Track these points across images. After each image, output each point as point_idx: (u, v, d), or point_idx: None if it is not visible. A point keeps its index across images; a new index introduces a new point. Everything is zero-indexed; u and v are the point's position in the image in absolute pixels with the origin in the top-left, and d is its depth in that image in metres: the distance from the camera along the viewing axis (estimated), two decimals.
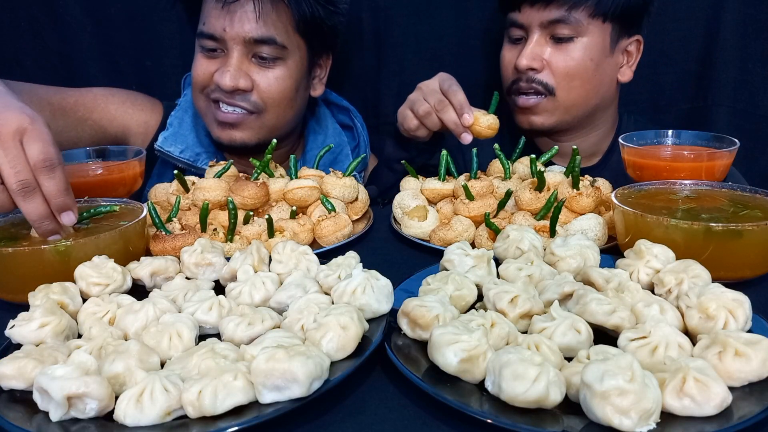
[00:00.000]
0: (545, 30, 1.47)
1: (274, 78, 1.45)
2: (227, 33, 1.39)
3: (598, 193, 1.15)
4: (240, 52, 1.41)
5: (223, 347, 0.73)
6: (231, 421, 0.63)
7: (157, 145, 1.50)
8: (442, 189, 1.26)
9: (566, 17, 1.44)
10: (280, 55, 1.44)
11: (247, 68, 1.43)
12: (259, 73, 1.44)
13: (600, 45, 1.48)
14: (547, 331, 0.75)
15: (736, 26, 1.69)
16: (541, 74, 1.49)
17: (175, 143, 1.52)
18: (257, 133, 1.48)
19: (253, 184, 1.20)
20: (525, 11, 1.47)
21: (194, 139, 1.54)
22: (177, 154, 1.51)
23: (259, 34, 1.40)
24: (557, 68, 1.48)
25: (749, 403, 0.64)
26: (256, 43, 1.41)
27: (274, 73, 1.45)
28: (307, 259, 0.96)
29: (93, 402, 0.65)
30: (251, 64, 1.44)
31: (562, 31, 1.45)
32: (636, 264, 0.90)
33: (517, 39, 1.53)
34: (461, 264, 0.93)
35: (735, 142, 1.23)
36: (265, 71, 1.44)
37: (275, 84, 1.45)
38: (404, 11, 1.77)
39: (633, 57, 1.57)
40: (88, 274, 0.90)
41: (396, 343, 0.77)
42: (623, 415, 0.59)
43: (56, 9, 1.73)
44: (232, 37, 1.40)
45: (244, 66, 1.42)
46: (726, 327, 0.74)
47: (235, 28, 1.39)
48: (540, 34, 1.47)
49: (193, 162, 1.52)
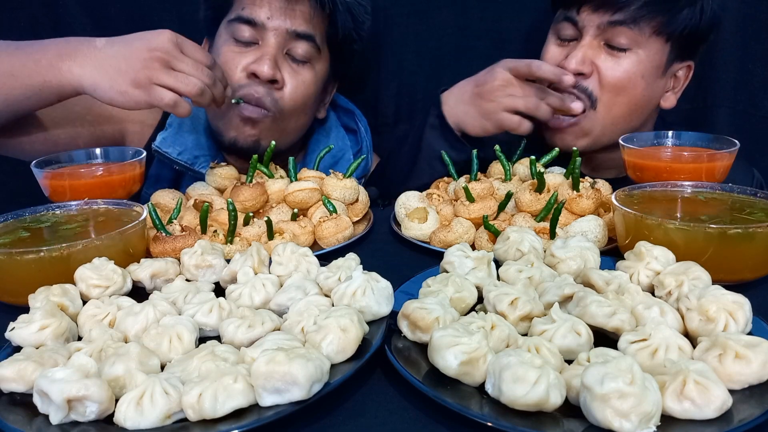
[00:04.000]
0: (602, 34, 1.36)
1: (302, 80, 1.44)
2: (270, 22, 1.38)
3: (598, 195, 1.15)
4: (278, 43, 1.40)
5: (223, 350, 0.73)
6: (231, 424, 0.63)
7: (154, 145, 1.48)
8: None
9: (629, 22, 1.33)
10: (312, 58, 1.44)
11: (281, 63, 1.42)
12: (290, 71, 1.43)
13: (655, 63, 1.38)
14: (548, 333, 0.75)
15: (736, 26, 1.69)
16: (588, 81, 1.38)
17: (173, 144, 1.49)
18: (273, 135, 1.45)
19: (247, 187, 1.20)
20: (584, 13, 1.36)
21: (193, 142, 1.52)
22: (175, 155, 1.48)
23: (303, 29, 1.40)
24: (606, 77, 1.36)
25: (749, 406, 0.64)
26: (296, 38, 1.40)
27: (302, 76, 1.44)
28: (307, 261, 0.96)
29: (93, 405, 0.65)
30: (284, 60, 1.43)
31: (619, 39, 1.35)
32: (636, 266, 0.90)
33: (567, 39, 1.42)
34: (461, 266, 0.93)
35: (735, 143, 1.23)
36: (296, 72, 1.43)
37: (302, 87, 1.44)
38: (404, 11, 1.76)
39: (680, 83, 1.48)
40: (88, 276, 0.90)
41: (396, 346, 0.77)
42: (623, 418, 0.59)
43: (56, 9, 1.73)
44: (275, 27, 1.38)
45: (279, 59, 1.41)
46: (726, 329, 0.74)
47: (282, 18, 1.38)
48: (594, 38, 1.37)
49: (190, 165, 1.49)
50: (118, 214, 1.10)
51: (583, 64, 1.37)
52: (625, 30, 1.34)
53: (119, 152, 1.34)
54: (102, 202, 1.13)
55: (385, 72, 1.82)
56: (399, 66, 1.81)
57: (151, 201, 1.24)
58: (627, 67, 1.37)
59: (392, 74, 1.82)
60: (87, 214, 1.11)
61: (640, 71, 1.38)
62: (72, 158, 1.30)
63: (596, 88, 1.39)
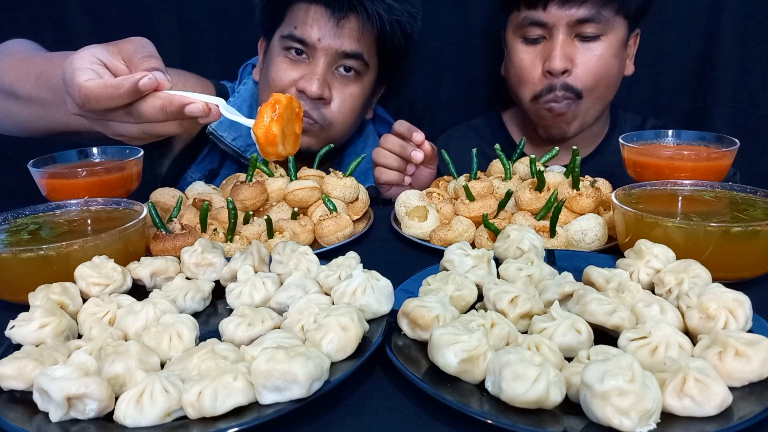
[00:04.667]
0: (571, 29, 1.41)
1: (349, 94, 1.50)
2: (321, 43, 1.43)
3: (598, 194, 1.15)
4: (327, 62, 1.45)
5: (223, 348, 0.73)
6: (231, 422, 0.63)
7: (210, 127, 1.51)
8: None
9: (596, 16, 1.39)
10: (360, 71, 1.48)
11: (330, 79, 1.47)
12: (338, 87, 1.48)
13: (620, 40, 1.47)
14: (548, 331, 0.74)
15: (736, 26, 1.69)
16: (571, 77, 1.44)
17: (229, 129, 1.53)
18: (321, 141, 1.50)
19: (247, 185, 1.20)
20: (551, 10, 1.40)
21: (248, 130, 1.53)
22: (230, 141, 1.53)
23: (351, 48, 1.44)
24: (586, 69, 1.43)
25: (750, 404, 0.64)
26: (345, 57, 1.45)
27: (350, 90, 1.50)
28: (307, 260, 0.96)
29: (93, 403, 0.65)
30: (333, 77, 1.47)
31: (589, 30, 1.41)
32: (636, 264, 0.90)
33: (535, 39, 1.46)
34: (461, 264, 0.93)
35: (735, 142, 1.23)
36: (343, 86, 1.49)
37: (349, 100, 1.50)
38: None
39: (633, 50, 1.58)
40: (88, 274, 0.90)
41: (396, 344, 0.77)
42: (623, 415, 0.59)
43: (56, 9, 1.73)
44: (324, 48, 1.43)
45: (328, 76, 1.46)
46: (726, 327, 0.74)
47: (332, 39, 1.42)
48: (566, 34, 1.41)
49: (242, 151, 1.55)
50: (118, 212, 1.10)
51: (566, 61, 1.42)
52: (595, 21, 1.41)
53: (117, 151, 1.34)
54: (102, 201, 1.13)
55: None
56: None
57: (150, 199, 1.24)
58: (601, 53, 1.44)
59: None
60: (87, 213, 1.11)
61: (611, 52, 1.46)
62: (69, 157, 1.30)
63: (579, 81, 1.45)
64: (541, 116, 1.53)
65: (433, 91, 1.85)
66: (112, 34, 1.79)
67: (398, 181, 1.42)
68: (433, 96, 1.86)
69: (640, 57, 1.61)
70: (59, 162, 1.29)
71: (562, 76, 1.44)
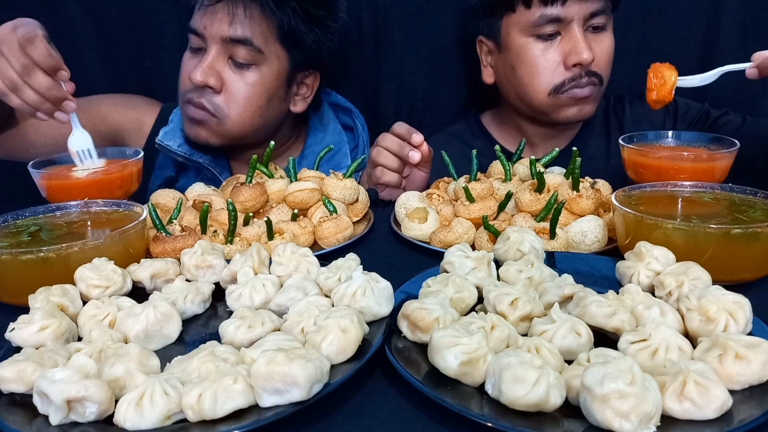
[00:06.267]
0: (585, 22, 1.48)
1: (244, 83, 1.49)
2: (207, 30, 1.45)
3: (598, 195, 1.15)
4: (217, 50, 1.46)
5: (222, 350, 0.73)
6: (231, 424, 0.63)
7: (158, 139, 1.58)
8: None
9: (605, 8, 1.49)
10: (255, 60, 1.48)
11: (222, 68, 1.48)
12: (232, 75, 1.48)
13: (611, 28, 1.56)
14: (548, 333, 0.74)
15: (736, 26, 1.69)
16: (594, 65, 1.51)
17: (173, 137, 1.58)
18: (220, 137, 1.53)
19: (246, 187, 1.20)
20: (570, 5, 1.46)
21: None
22: (175, 147, 1.57)
23: (236, 34, 1.44)
24: (601, 57, 1.51)
25: (750, 407, 0.64)
26: (232, 43, 1.45)
27: (245, 78, 1.49)
28: (307, 262, 0.96)
29: (93, 405, 0.65)
30: (226, 65, 1.48)
31: (598, 21, 1.49)
32: (636, 266, 0.90)
33: (549, 35, 1.50)
34: (461, 266, 0.93)
35: (735, 143, 1.23)
36: (238, 74, 1.49)
37: (244, 88, 1.49)
38: (404, 11, 1.76)
39: None
40: (88, 276, 0.90)
41: (396, 346, 0.77)
42: (623, 418, 0.59)
43: (56, 9, 1.73)
44: (211, 35, 1.45)
45: (218, 65, 1.47)
46: (726, 330, 0.74)
47: (215, 26, 1.44)
48: (581, 26, 1.48)
49: (189, 156, 1.58)
50: (118, 214, 1.10)
51: (591, 51, 1.48)
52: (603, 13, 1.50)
53: (117, 152, 1.34)
54: (102, 202, 1.13)
55: (385, 72, 1.82)
56: (399, 66, 1.81)
57: (150, 201, 1.24)
58: (609, 42, 1.54)
59: (392, 74, 1.82)
60: (87, 214, 1.11)
61: (612, 40, 1.56)
62: (68, 159, 1.30)
63: (598, 69, 1.52)
64: (560, 104, 1.55)
65: (433, 92, 1.85)
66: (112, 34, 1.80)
67: (398, 183, 1.43)
68: (433, 96, 1.85)
69: (640, 57, 1.61)
70: (59, 163, 1.29)
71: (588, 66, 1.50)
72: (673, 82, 1.30)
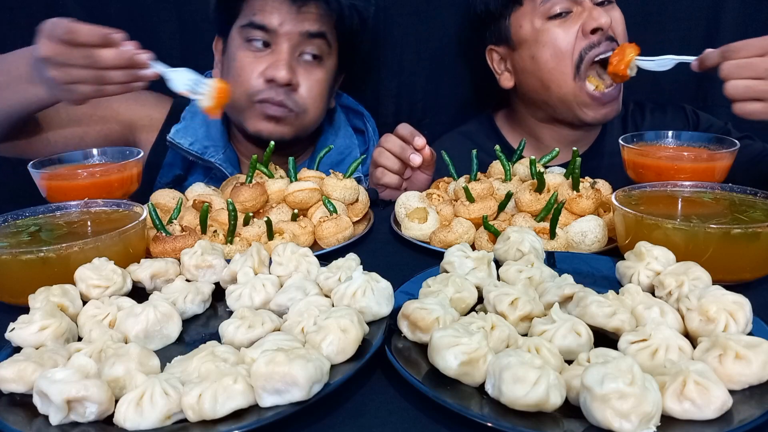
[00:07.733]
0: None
1: (315, 80, 1.51)
2: (282, 27, 1.43)
3: (598, 195, 1.15)
4: (291, 47, 1.45)
5: (223, 350, 0.73)
6: (231, 424, 0.63)
7: (169, 136, 1.56)
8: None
9: None
10: (324, 54, 1.49)
11: (295, 66, 1.47)
12: (303, 73, 1.49)
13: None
14: (548, 333, 0.74)
15: (736, 26, 1.69)
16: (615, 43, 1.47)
17: (185, 135, 1.57)
18: (295, 129, 1.54)
19: (246, 187, 1.20)
20: None
21: (204, 133, 1.59)
22: (186, 146, 1.56)
23: (315, 28, 1.45)
24: (616, 27, 1.48)
25: (750, 407, 0.64)
26: (309, 38, 1.45)
27: (315, 75, 1.51)
28: (307, 262, 0.96)
29: (93, 405, 0.65)
30: (297, 63, 1.48)
31: None
32: (636, 266, 0.90)
33: (562, 13, 1.48)
34: (461, 266, 0.93)
35: (735, 142, 1.23)
36: (309, 72, 1.50)
37: (316, 86, 1.51)
38: (404, 11, 1.77)
39: None
40: (88, 276, 0.90)
41: (396, 346, 0.77)
42: (623, 418, 0.59)
43: (56, 9, 1.73)
44: (287, 32, 1.44)
45: (293, 63, 1.47)
46: (726, 330, 0.74)
47: (293, 24, 1.43)
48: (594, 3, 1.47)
49: (200, 154, 1.57)
50: (118, 214, 1.10)
51: (607, 16, 1.45)
52: None
53: (117, 152, 1.34)
54: (102, 202, 1.13)
55: (385, 72, 1.82)
56: (399, 66, 1.81)
57: (151, 201, 1.24)
58: (618, 12, 1.51)
59: (392, 74, 1.82)
60: (87, 214, 1.11)
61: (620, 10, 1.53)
62: (69, 159, 1.30)
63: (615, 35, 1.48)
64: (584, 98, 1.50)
65: (433, 92, 1.85)
66: None
67: (398, 185, 1.43)
68: (433, 97, 1.85)
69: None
70: (59, 163, 1.29)
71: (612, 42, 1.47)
72: (629, 59, 1.32)
